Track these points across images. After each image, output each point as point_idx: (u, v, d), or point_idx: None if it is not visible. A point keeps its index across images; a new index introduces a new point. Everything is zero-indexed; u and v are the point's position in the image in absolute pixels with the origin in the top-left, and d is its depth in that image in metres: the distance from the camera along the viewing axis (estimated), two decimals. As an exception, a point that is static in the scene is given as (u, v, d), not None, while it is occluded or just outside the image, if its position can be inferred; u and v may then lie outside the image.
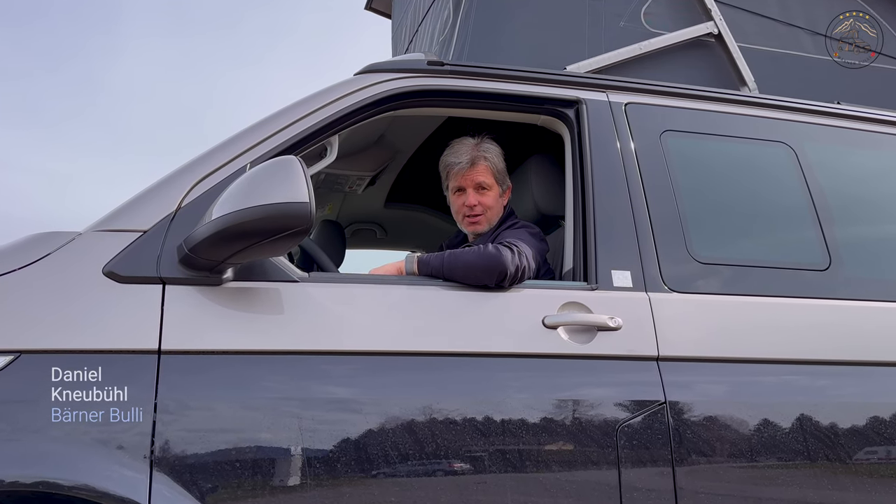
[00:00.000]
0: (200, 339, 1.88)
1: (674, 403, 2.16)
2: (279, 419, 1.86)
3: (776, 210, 2.65)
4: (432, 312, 2.14)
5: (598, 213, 2.40)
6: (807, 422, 2.27)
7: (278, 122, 2.23)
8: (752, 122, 2.76)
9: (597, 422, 2.10)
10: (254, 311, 1.98)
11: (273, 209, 1.80)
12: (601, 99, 2.63)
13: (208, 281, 1.95)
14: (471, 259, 2.23)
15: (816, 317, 2.43)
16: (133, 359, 1.82)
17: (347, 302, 2.08)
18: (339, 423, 1.91)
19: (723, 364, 2.27)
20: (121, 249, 1.94)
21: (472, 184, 2.75)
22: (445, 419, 1.98)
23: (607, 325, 2.19)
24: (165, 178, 2.11)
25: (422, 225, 4.30)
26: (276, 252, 1.92)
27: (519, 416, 2.04)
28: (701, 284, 2.39)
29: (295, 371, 1.93)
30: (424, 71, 2.51)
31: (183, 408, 1.81)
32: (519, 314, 2.19)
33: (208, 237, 1.84)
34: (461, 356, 2.08)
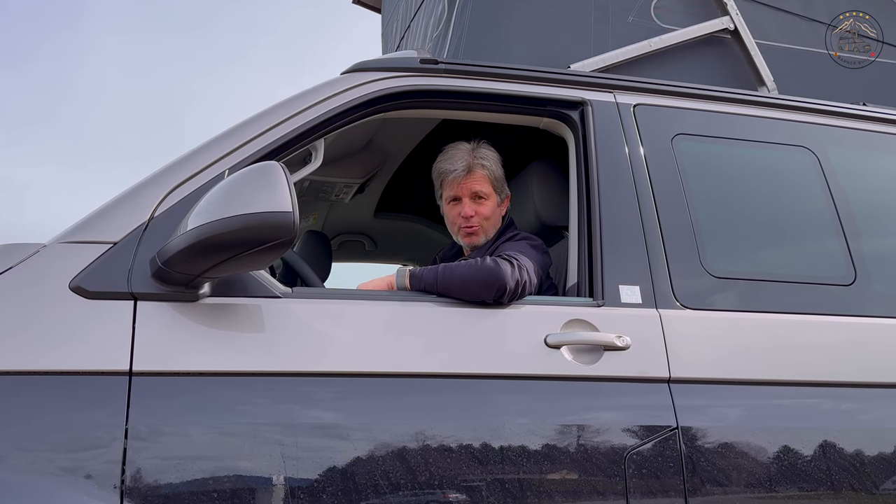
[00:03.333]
0: (175, 360, 1.90)
1: (686, 429, 2.19)
2: (260, 446, 1.87)
3: (797, 220, 2.69)
4: (425, 331, 2.16)
5: (605, 224, 2.43)
6: (830, 449, 2.29)
7: (259, 126, 2.26)
8: (771, 125, 2.80)
9: (603, 449, 2.12)
10: (232, 328, 2.00)
11: (253, 219, 1.81)
12: (608, 100, 2.66)
13: (183, 296, 1.97)
14: (467, 273, 2.25)
15: (840, 335, 2.46)
16: (102, 381, 1.84)
17: (334, 319, 2.10)
18: (325, 451, 1.92)
19: (739, 386, 2.30)
20: (89, 263, 1.96)
21: (467, 193, 2.76)
22: (440, 446, 2.00)
23: (614, 344, 2.21)
24: (137, 186, 2.12)
25: (414, 236, 4.31)
26: (256, 265, 1.94)
27: (519, 443, 2.06)
28: (716, 300, 2.42)
29: (277, 394, 1.95)
30: (417, 70, 2.53)
31: (156, 434, 1.83)
32: (519, 333, 2.21)
33: (183, 249, 1.85)
34: (456, 378, 2.10)
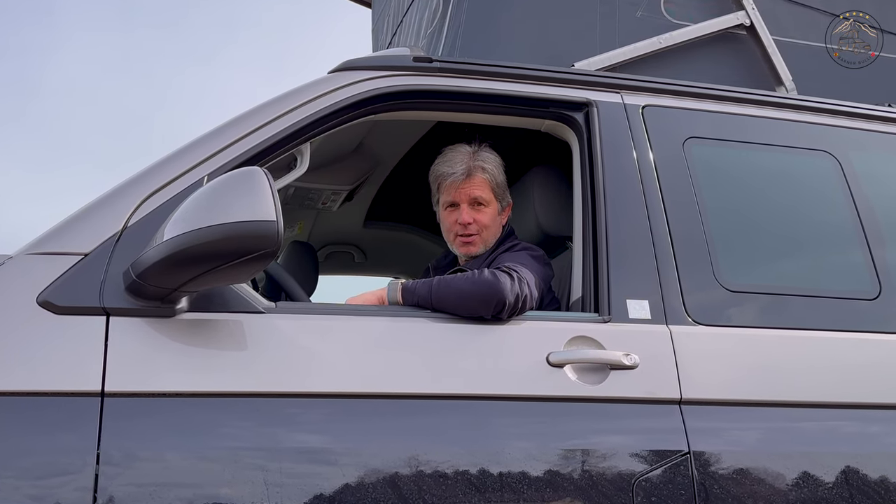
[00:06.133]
0: (150, 379, 1.91)
1: (699, 454, 2.20)
2: (241, 472, 1.88)
3: (817, 230, 2.71)
4: (419, 348, 2.17)
5: (611, 234, 2.44)
6: (854, 475, 2.31)
7: (240, 128, 2.27)
8: (790, 128, 2.82)
9: (610, 475, 2.13)
10: (212, 346, 2.01)
11: (234, 229, 1.82)
12: (615, 101, 2.68)
13: (159, 312, 1.98)
14: (464, 286, 2.26)
15: (864, 353, 2.48)
16: (72, 402, 1.84)
17: (320, 336, 2.11)
18: (311, 477, 1.93)
19: (756, 408, 2.31)
20: (58, 275, 1.97)
21: (466, 198, 2.76)
22: (434, 472, 2.01)
23: (622, 362, 2.22)
24: (109, 193, 2.14)
25: (407, 247, 4.32)
26: (237, 279, 1.95)
27: (519, 469, 2.07)
28: (730, 316, 2.44)
29: (260, 416, 1.96)
30: (410, 68, 2.55)
31: (130, 459, 1.84)
32: (519, 350, 2.22)
33: (159, 261, 1.85)
34: (452, 399, 2.11)
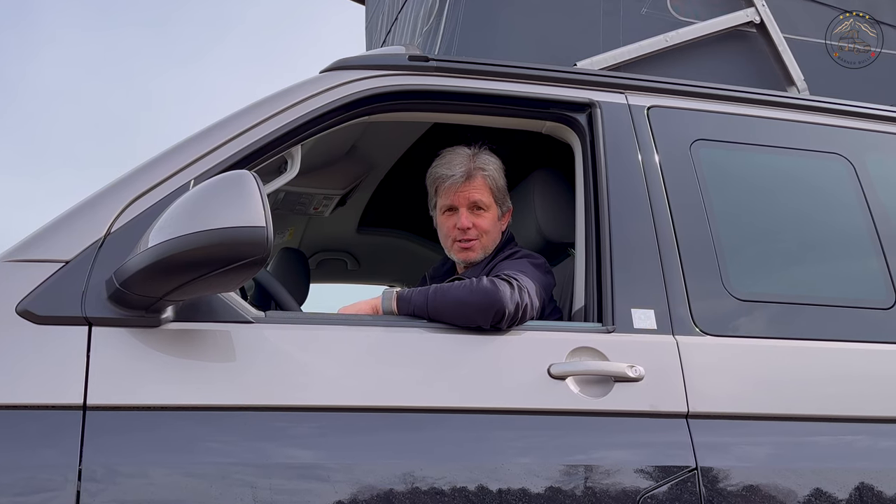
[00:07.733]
0: (134, 392, 1.92)
1: (707, 469, 2.20)
2: (229, 488, 1.88)
3: (829, 236, 2.72)
4: (414, 360, 2.18)
5: (615, 240, 2.45)
6: (868, 492, 2.31)
7: (228, 130, 2.28)
8: (801, 130, 2.83)
9: (614, 491, 2.13)
10: (198, 357, 2.02)
11: (222, 235, 1.82)
12: (619, 101, 2.69)
13: (144, 322, 1.98)
14: (462, 295, 2.27)
15: (879, 365, 2.49)
16: (52, 416, 1.85)
17: (312, 347, 2.12)
18: (302, 493, 1.94)
19: (766, 422, 2.32)
20: (38, 284, 1.97)
21: (465, 202, 2.76)
22: (430, 488, 2.01)
23: (626, 374, 2.23)
24: (92, 198, 2.14)
25: (402, 254, 4.33)
26: (225, 287, 1.96)
27: (520, 485, 2.07)
28: (739, 326, 2.45)
29: (248, 430, 1.96)
30: (405, 67, 2.56)
31: (113, 474, 1.84)
32: (520, 362, 2.23)
33: (144, 269, 1.85)
34: (450, 412, 2.12)
